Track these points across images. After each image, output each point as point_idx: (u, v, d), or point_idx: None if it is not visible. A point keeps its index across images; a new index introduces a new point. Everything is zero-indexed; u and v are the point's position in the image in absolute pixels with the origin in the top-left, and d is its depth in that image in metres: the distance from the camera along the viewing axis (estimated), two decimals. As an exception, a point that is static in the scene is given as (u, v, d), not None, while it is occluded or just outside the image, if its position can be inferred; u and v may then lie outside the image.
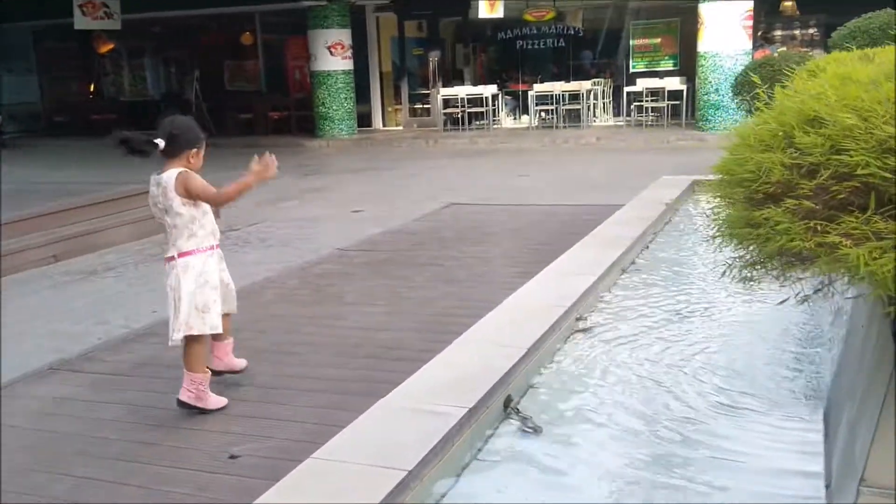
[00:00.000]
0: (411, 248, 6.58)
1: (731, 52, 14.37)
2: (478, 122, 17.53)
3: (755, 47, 15.11)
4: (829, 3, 17.17)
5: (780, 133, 2.15)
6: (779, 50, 15.65)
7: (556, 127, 16.89)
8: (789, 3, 17.39)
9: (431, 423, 2.74)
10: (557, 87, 16.83)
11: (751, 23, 14.52)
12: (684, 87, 15.81)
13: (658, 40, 17.51)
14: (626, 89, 16.41)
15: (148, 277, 6.33)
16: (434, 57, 18.73)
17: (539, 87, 16.98)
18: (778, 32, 17.11)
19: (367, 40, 18.99)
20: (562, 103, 16.84)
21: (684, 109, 15.77)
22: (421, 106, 19.43)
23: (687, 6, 17.12)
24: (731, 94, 14.47)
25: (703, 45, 14.71)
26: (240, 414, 3.43)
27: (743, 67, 12.85)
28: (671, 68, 17.30)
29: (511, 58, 19.33)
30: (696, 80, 14.93)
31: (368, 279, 5.68)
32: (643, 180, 9.96)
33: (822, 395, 3.17)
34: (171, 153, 3.29)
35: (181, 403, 3.34)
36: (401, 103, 19.57)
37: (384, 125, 19.69)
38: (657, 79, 16.45)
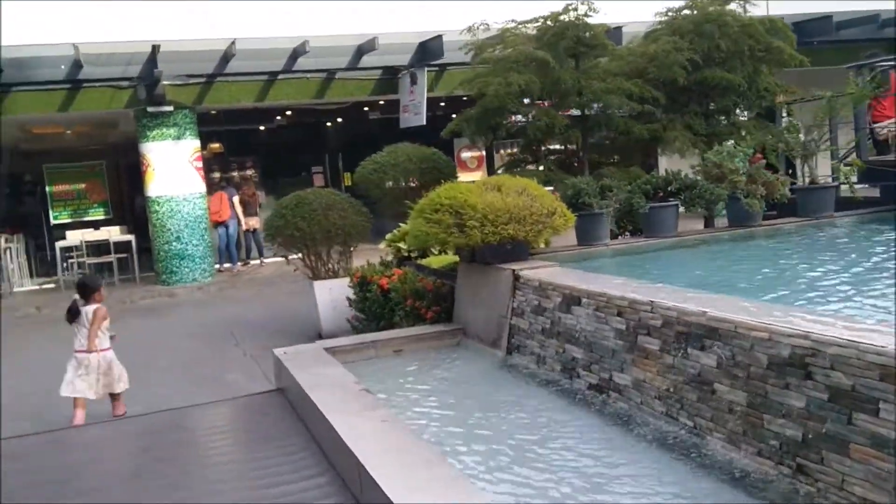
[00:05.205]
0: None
1: (188, 195, 12.94)
2: None
3: (213, 189, 14.02)
4: (258, 148, 17.31)
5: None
6: (234, 194, 14.85)
7: (-38, 300, 12.75)
8: (216, 146, 16.87)
9: None
10: (-41, 248, 12.82)
11: (201, 163, 13.37)
12: (131, 238, 13.68)
13: (82, 186, 14.94)
14: (59, 244, 13.42)
15: None
16: None
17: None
18: (231, 173, 16.37)
19: None
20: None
21: (136, 263, 13.61)
22: None
23: (108, 147, 15.20)
24: (196, 241, 13.08)
25: (153, 190, 12.92)
26: None
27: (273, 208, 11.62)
28: (103, 217, 14.91)
29: None
30: (151, 229, 12.97)
31: None
32: (192, 353, 7.96)
33: None
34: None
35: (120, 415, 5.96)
36: None
37: None
38: (93, 229, 13.91)
